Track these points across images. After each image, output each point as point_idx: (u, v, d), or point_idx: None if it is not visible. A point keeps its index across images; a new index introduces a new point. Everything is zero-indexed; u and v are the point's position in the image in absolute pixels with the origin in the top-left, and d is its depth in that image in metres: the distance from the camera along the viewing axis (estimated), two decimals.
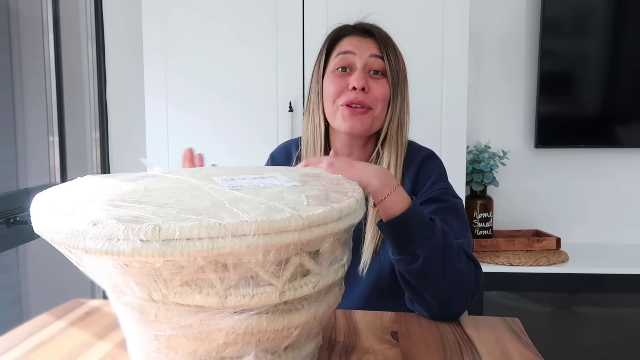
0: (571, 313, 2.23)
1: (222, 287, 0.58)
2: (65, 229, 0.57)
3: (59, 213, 0.60)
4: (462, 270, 0.90)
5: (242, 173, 0.80)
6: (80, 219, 0.56)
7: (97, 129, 2.20)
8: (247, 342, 0.62)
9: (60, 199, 0.66)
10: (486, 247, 2.09)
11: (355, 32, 1.12)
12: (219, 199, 0.64)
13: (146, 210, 0.59)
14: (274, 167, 0.88)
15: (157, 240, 0.53)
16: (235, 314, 0.59)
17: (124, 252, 0.53)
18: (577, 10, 2.21)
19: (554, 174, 2.28)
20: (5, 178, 1.84)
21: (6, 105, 1.86)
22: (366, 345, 0.82)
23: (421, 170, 1.11)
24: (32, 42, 1.94)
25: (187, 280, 0.57)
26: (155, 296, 0.58)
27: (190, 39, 1.92)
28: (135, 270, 0.57)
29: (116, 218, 0.55)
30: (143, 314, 0.61)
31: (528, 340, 0.86)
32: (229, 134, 1.93)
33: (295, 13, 1.88)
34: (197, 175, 0.78)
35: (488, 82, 2.28)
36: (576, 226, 2.29)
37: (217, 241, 0.53)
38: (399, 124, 1.11)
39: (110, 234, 0.54)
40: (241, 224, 0.54)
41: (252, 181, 0.74)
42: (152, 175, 0.79)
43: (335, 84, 1.09)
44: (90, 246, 0.54)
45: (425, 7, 1.85)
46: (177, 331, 0.60)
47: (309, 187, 0.72)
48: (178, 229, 0.53)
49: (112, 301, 0.67)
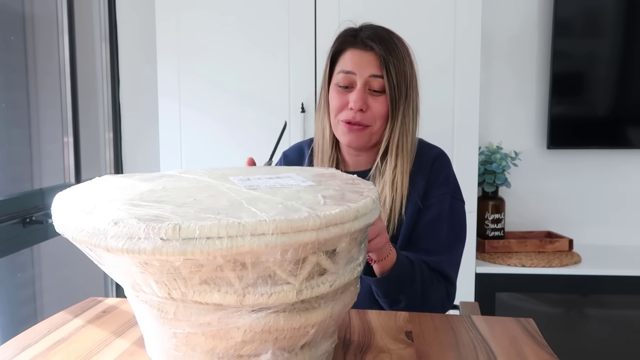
0: (583, 315, 2.22)
1: (241, 285, 0.58)
2: (87, 228, 0.58)
3: (80, 212, 0.61)
4: (436, 299, 1.07)
5: (258, 173, 0.81)
6: (102, 218, 0.57)
7: (111, 130, 2.21)
8: (264, 340, 0.63)
9: (81, 198, 0.67)
10: (498, 248, 2.09)
11: (357, 44, 1.12)
12: (236, 199, 0.64)
13: (165, 209, 0.60)
14: (289, 167, 0.89)
15: (177, 239, 0.53)
16: (253, 312, 0.60)
17: (144, 251, 0.54)
18: (589, 10, 2.20)
19: (566, 175, 2.27)
20: (20, 178, 1.86)
21: (21, 106, 1.88)
22: (381, 345, 0.83)
23: (432, 170, 1.14)
24: (46, 43, 1.96)
25: (205, 278, 0.58)
26: (175, 294, 0.59)
27: (203, 40, 1.93)
28: (155, 268, 0.57)
29: (136, 217, 0.56)
30: (162, 312, 0.62)
31: (543, 341, 0.85)
32: (242, 134, 1.94)
33: (308, 14, 1.88)
34: (213, 175, 0.79)
35: (500, 83, 2.27)
36: (589, 227, 2.27)
37: (236, 240, 0.54)
38: (401, 134, 1.11)
39: (131, 233, 0.55)
40: (260, 223, 0.55)
41: (268, 181, 0.74)
42: (169, 175, 0.80)
43: (337, 99, 1.12)
44: (111, 245, 0.55)
45: (437, 8, 1.85)
46: (196, 329, 0.61)
47: (325, 187, 0.72)
48: (198, 228, 0.54)
49: (130, 299, 0.68)
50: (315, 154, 1.20)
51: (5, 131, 1.79)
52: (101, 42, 2.19)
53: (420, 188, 1.12)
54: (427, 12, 1.86)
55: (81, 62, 2.06)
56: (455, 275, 1.13)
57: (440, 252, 1.10)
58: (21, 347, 0.79)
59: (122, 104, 2.25)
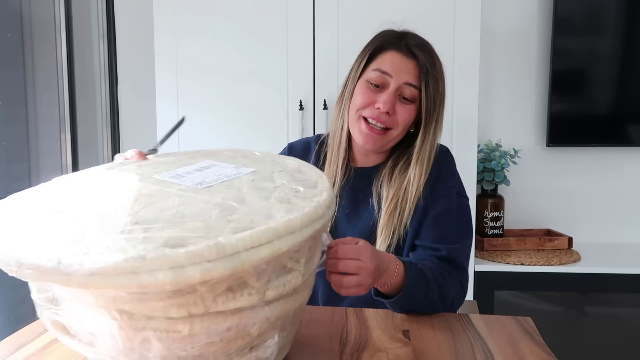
0: (582, 313, 2.21)
1: (259, 284, 0.59)
2: (115, 269, 0.50)
3: (81, 252, 0.53)
4: (453, 295, 1.02)
5: (171, 164, 0.81)
6: (123, 255, 0.50)
7: (109, 127, 2.21)
8: (274, 327, 0.64)
9: (47, 225, 0.60)
10: (497, 246, 2.08)
11: (401, 48, 1.10)
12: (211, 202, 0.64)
13: (176, 230, 0.56)
14: (197, 153, 0.90)
15: (222, 257, 0.52)
16: (266, 305, 0.61)
17: (192, 277, 0.50)
18: (590, 7, 2.19)
19: (566, 173, 2.27)
20: (18, 176, 1.85)
21: (19, 103, 1.87)
22: (378, 344, 0.82)
23: (441, 167, 1.14)
24: (44, 41, 1.95)
25: (228, 287, 0.57)
26: (195, 310, 0.56)
27: (201, 38, 1.92)
28: (176, 292, 0.54)
29: (164, 245, 0.52)
30: (170, 333, 0.57)
31: (541, 340, 0.85)
32: (240, 131, 1.93)
33: (306, 11, 1.87)
34: (136, 175, 0.75)
35: (499, 80, 2.26)
36: (588, 225, 2.27)
37: (274, 244, 0.55)
38: (430, 147, 1.12)
39: (174, 262, 0.50)
40: (291, 221, 0.58)
41: (204, 173, 0.75)
42: (94, 183, 0.76)
43: (365, 95, 1.10)
44: (148, 280, 0.49)
45: (437, 5, 1.84)
46: (214, 337, 0.59)
47: (258, 171, 0.78)
48: (241, 242, 0.53)
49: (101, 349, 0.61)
50: (330, 145, 1.18)
51: (3, 129, 1.78)
52: (99, 39, 2.18)
53: (428, 190, 1.11)
54: (426, 8, 1.85)
55: (79, 60, 2.06)
56: (467, 263, 1.10)
57: (451, 242, 1.08)
58: (16, 346, 0.79)
59: (120, 101, 2.24)
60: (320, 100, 1.88)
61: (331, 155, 1.17)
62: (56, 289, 0.59)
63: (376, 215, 1.12)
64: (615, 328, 2.09)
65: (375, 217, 1.12)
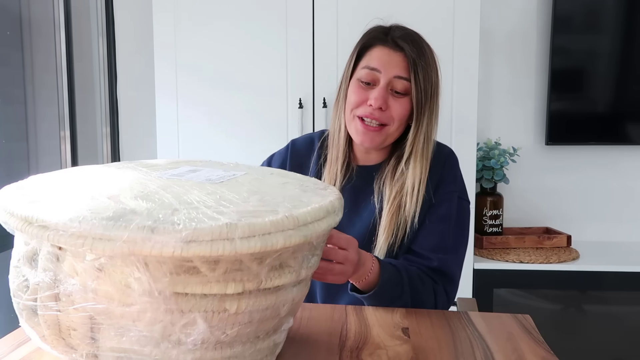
0: (581, 311, 2.22)
1: (297, 263, 0.63)
2: (212, 234, 0.53)
3: (169, 222, 0.53)
4: (430, 304, 1.05)
5: (153, 169, 0.77)
6: (215, 222, 0.53)
7: (108, 124, 2.21)
8: (292, 311, 0.68)
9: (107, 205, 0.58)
10: (496, 245, 2.09)
11: (387, 43, 1.10)
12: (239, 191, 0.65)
13: (240, 207, 0.59)
14: (164, 161, 0.86)
15: (297, 227, 0.57)
16: (294, 286, 0.65)
17: (277, 244, 0.55)
18: (589, 6, 2.19)
19: (565, 171, 2.27)
20: (17, 174, 1.85)
21: (18, 101, 1.87)
22: (377, 341, 0.83)
23: (444, 170, 1.13)
24: (44, 39, 1.95)
25: (273, 265, 0.60)
26: (249, 286, 0.58)
27: (200, 36, 1.92)
28: (237, 268, 0.57)
29: (241, 217, 0.55)
30: (216, 313, 0.58)
31: (540, 337, 0.85)
32: (239, 130, 1.94)
33: (305, 9, 1.87)
34: (137, 173, 0.74)
35: (498, 79, 2.26)
36: (587, 224, 2.27)
37: (328, 219, 0.63)
38: (425, 139, 1.10)
39: (262, 229, 0.54)
40: (332, 203, 0.65)
41: (198, 174, 0.74)
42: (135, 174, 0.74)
43: (357, 94, 1.10)
44: (248, 245, 0.53)
45: (436, 3, 1.84)
46: (255, 316, 0.61)
47: (262, 177, 0.79)
48: (308, 215, 0.58)
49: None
50: (329, 146, 1.18)
51: (3, 127, 1.78)
52: (98, 37, 2.18)
53: (432, 183, 1.11)
54: (425, 6, 1.85)
55: (78, 58, 2.06)
56: (459, 276, 1.12)
57: (446, 251, 1.09)
58: (17, 343, 0.79)
59: (119, 99, 2.24)
60: (320, 99, 1.88)
61: (331, 157, 1.17)
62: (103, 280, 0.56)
63: (377, 214, 1.12)
64: (613, 326, 2.10)
65: (376, 216, 1.11)
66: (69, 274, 0.56)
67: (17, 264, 0.62)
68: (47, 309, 0.58)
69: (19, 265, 0.61)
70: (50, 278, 0.57)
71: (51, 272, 0.56)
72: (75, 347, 0.61)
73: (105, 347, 0.59)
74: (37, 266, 0.58)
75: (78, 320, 0.57)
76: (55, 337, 0.60)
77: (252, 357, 0.65)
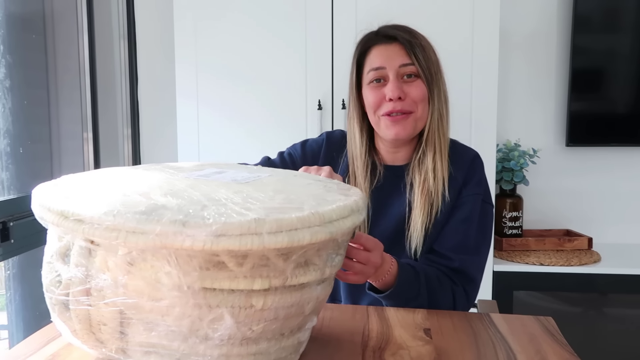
0: (602, 314, 2.19)
1: (321, 261, 0.64)
2: (240, 228, 0.54)
3: (199, 217, 0.54)
4: (449, 306, 1.06)
5: (178, 171, 0.77)
6: (244, 217, 0.54)
7: (129, 126, 2.24)
8: (315, 310, 0.69)
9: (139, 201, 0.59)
10: (516, 247, 2.07)
11: (380, 40, 1.12)
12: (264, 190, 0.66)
13: (266, 204, 0.60)
14: (188, 163, 0.87)
15: (323, 224, 0.58)
16: (319, 284, 0.65)
17: (303, 239, 0.56)
18: (610, 5, 2.17)
19: (586, 172, 2.25)
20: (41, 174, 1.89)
21: (42, 103, 1.91)
22: (399, 342, 0.83)
23: (470, 171, 1.14)
24: (66, 42, 1.99)
25: (299, 262, 0.61)
26: (275, 282, 0.59)
27: (220, 38, 1.94)
28: (263, 264, 0.58)
29: (268, 213, 0.56)
30: (243, 309, 0.59)
31: (563, 340, 0.85)
32: (258, 131, 1.95)
33: (325, 11, 1.88)
34: (163, 174, 0.74)
35: (518, 79, 2.25)
36: (608, 226, 2.25)
37: (353, 217, 0.63)
38: (439, 117, 1.12)
39: (290, 225, 0.55)
40: (356, 202, 0.66)
41: (224, 175, 0.74)
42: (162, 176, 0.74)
43: (373, 95, 1.11)
44: (276, 240, 0.54)
45: (455, 3, 1.84)
46: (281, 313, 0.62)
47: (286, 178, 0.80)
48: (334, 212, 0.59)
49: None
50: (349, 155, 1.19)
51: (28, 128, 1.82)
52: (120, 40, 2.21)
53: (457, 183, 1.12)
54: (444, 7, 1.84)
55: (100, 60, 2.09)
56: (480, 277, 1.12)
57: (467, 253, 1.09)
58: (46, 340, 0.81)
59: (140, 101, 2.27)
60: (339, 100, 1.89)
61: (353, 168, 1.17)
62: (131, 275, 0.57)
63: (406, 205, 1.12)
64: (635, 330, 2.07)
65: (405, 208, 1.12)
66: (100, 269, 0.57)
67: (50, 260, 0.63)
68: (78, 304, 0.59)
69: (51, 261, 0.63)
70: (82, 273, 0.58)
71: (83, 268, 0.58)
72: (104, 341, 0.62)
73: (134, 342, 0.60)
74: (70, 262, 0.59)
75: (108, 315, 0.58)
76: (86, 332, 0.61)
77: (277, 354, 0.65)
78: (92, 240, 0.55)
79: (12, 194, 1.68)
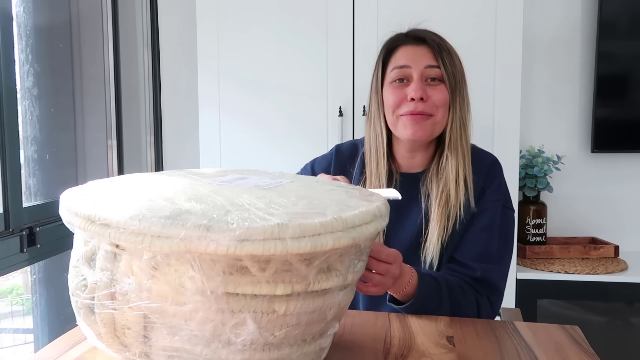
0: (629, 324, 2.14)
1: (343, 267, 0.64)
2: (264, 233, 0.54)
3: (223, 221, 0.55)
4: (473, 315, 1.04)
5: (201, 177, 0.78)
6: (266, 222, 0.55)
7: (152, 133, 2.27)
8: (337, 316, 0.69)
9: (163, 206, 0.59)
10: (540, 254, 2.04)
11: (408, 41, 1.13)
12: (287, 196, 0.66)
13: (289, 209, 0.60)
14: (211, 169, 0.87)
15: (346, 229, 0.58)
16: (341, 290, 0.65)
17: (326, 245, 0.56)
18: (635, 10, 2.13)
19: (612, 179, 2.20)
20: (66, 181, 1.92)
21: (68, 111, 1.94)
22: (422, 349, 0.82)
23: (489, 176, 1.13)
24: (92, 51, 2.03)
25: (323, 267, 0.61)
26: (297, 288, 0.59)
27: (242, 45, 1.96)
28: (286, 269, 0.58)
29: (291, 218, 0.56)
30: (265, 314, 0.59)
31: (590, 349, 0.83)
32: (279, 137, 1.96)
33: (346, 19, 1.89)
34: (187, 179, 0.75)
35: (542, 85, 2.22)
36: (635, 234, 2.20)
37: (376, 223, 0.63)
38: (461, 125, 1.11)
39: (312, 230, 0.55)
40: (378, 208, 0.66)
41: (246, 181, 0.74)
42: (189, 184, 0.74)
43: (395, 95, 1.10)
44: (299, 245, 0.54)
45: (478, 9, 1.83)
46: (302, 318, 0.62)
47: (309, 184, 0.79)
48: (357, 218, 0.59)
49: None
50: (366, 159, 1.18)
51: (54, 135, 1.85)
52: (144, 49, 2.25)
53: (477, 190, 1.11)
54: (467, 13, 1.83)
55: (125, 69, 2.12)
56: (504, 286, 1.11)
57: (489, 260, 1.08)
58: (71, 344, 0.82)
59: (163, 108, 2.30)
60: (360, 107, 1.89)
61: (371, 171, 1.16)
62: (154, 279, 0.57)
63: (423, 215, 1.11)
64: None
65: (422, 218, 1.11)
66: (125, 274, 0.58)
67: (76, 264, 0.64)
68: (103, 307, 0.60)
69: (77, 265, 0.64)
70: (108, 277, 0.59)
71: (108, 272, 0.59)
72: (128, 345, 0.63)
73: (158, 346, 0.61)
74: (95, 266, 0.60)
75: (132, 319, 0.59)
76: (111, 336, 0.62)
77: None
78: (118, 244, 0.56)
79: (39, 199, 1.72)
